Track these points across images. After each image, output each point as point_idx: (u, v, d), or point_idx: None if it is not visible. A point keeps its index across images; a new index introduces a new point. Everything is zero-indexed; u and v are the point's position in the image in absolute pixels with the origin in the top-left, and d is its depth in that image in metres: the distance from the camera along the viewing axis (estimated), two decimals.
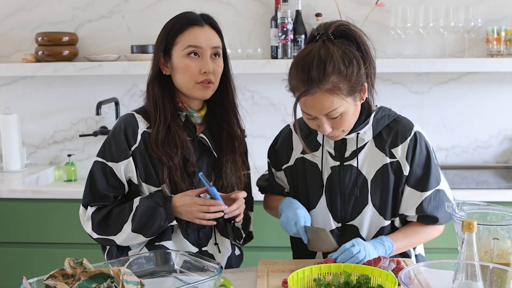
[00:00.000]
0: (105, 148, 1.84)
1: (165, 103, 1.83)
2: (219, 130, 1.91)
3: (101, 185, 1.82)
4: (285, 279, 1.63)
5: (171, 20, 1.87)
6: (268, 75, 3.21)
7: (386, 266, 1.63)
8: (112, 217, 1.81)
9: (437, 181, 1.84)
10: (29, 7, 3.34)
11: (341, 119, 1.71)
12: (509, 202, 2.66)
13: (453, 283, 1.36)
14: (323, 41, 1.69)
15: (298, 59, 1.70)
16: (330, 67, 1.64)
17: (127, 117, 1.86)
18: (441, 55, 3.14)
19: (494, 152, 3.26)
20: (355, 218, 1.85)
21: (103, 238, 1.83)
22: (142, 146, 1.82)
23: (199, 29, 1.83)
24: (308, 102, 1.68)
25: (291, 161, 1.93)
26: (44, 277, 1.36)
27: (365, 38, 1.74)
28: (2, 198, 2.87)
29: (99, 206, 1.83)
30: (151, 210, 1.76)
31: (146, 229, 1.78)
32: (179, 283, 1.61)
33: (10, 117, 3.25)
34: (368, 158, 1.83)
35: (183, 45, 1.81)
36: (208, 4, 3.24)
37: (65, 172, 3.30)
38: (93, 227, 1.82)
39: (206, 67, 1.81)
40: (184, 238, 1.86)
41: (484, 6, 3.10)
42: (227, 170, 1.89)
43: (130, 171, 1.82)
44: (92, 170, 1.85)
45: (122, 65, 3.15)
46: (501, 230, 1.47)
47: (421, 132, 1.84)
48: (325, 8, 3.17)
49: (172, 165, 1.80)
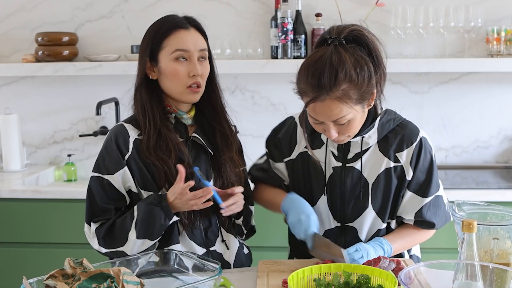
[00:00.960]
0: (99, 162, 1.83)
1: (153, 108, 1.82)
2: (212, 130, 1.91)
3: (100, 200, 1.81)
4: (285, 279, 1.63)
5: (154, 24, 1.85)
6: (268, 75, 3.21)
7: (386, 266, 1.63)
8: (115, 229, 1.79)
9: (437, 187, 1.84)
10: (29, 7, 3.34)
11: (348, 126, 1.70)
12: (509, 202, 2.66)
13: (453, 283, 1.36)
14: (335, 46, 1.65)
15: (309, 63, 1.66)
16: (342, 74, 1.61)
17: (116, 128, 1.85)
18: (441, 55, 3.14)
19: (494, 152, 3.26)
20: (355, 220, 1.85)
21: (112, 252, 1.80)
22: (135, 153, 1.81)
23: (185, 32, 1.82)
24: (317, 108, 1.66)
25: (294, 154, 1.92)
26: (44, 277, 1.36)
27: (377, 44, 1.71)
28: (2, 198, 2.87)
29: (101, 221, 1.82)
30: (148, 212, 1.75)
31: (150, 232, 1.77)
32: (179, 283, 1.61)
33: (10, 117, 3.25)
34: (370, 161, 1.82)
35: (170, 49, 1.80)
36: (208, 4, 3.24)
37: (65, 172, 3.30)
38: (99, 242, 1.80)
39: (195, 70, 1.80)
40: (191, 240, 1.85)
41: (484, 6, 3.10)
42: (227, 168, 1.89)
43: (128, 180, 1.81)
44: (90, 186, 1.83)
45: (122, 65, 3.15)
46: (501, 230, 1.47)
47: (426, 138, 1.84)
48: (325, 8, 3.17)
49: (167, 169, 1.79)
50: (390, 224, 1.86)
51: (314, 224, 1.77)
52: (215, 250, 1.88)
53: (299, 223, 1.78)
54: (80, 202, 2.87)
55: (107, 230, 1.79)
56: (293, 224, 1.79)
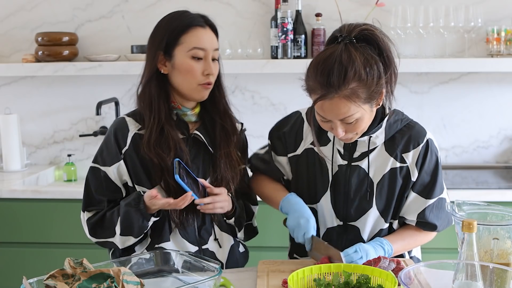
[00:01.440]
0: (98, 153, 1.87)
1: (160, 104, 1.83)
2: (213, 125, 1.91)
3: (94, 190, 1.85)
4: (285, 279, 1.63)
5: (170, 19, 1.85)
6: (268, 75, 3.21)
7: (386, 266, 1.62)
8: (105, 221, 1.83)
9: (442, 189, 1.84)
10: (29, 7, 3.33)
11: (356, 124, 1.69)
12: (509, 202, 2.66)
13: (453, 283, 1.36)
14: (346, 44, 1.64)
15: (319, 61, 1.65)
16: (351, 73, 1.60)
17: (117, 121, 1.88)
18: (441, 55, 3.14)
19: (494, 152, 3.26)
20: (358, 220, 1.84)
21: (101, 242, 1.86)
22: (132, 148, 1.83)
23: (202, 31, 1.83)
24: (325, 106, 1.66)
25: (299, 150, 1.91)
26: (44, 277, 1.36)
27: (389, 44, 1.70)
28: (2, 198, 2.87)
29: (94, 211, 1.86)
30: (127, 213, 1.78)
31: (131, 231, 1.81)
32: (179, 283, 1.61)
33: (10, 117, 3.25)
34: (376, 161, 1.82)
35: (188, 46, 1.81)
36: (208, 4, 3.24)
37: (65, 172, 3.30)
38: (89, 232, 1.86)
39: (209, 69, 1.82)
40: (183, 238, 1.86)
41: (484, 6, 3.10)
42: (221, 164, 1.88)
43: (123, 174, 1.84)
44: (87, 176, 1.88)
45: (122, 65, 3.15)
46: (501, 230, 1.47)
47: (432, 140, 1.83)
48: (325, 8, 3.17)
49: (164, 166, 1.80)
50: (392, 224, 1.86)
51: (312, 228, 1.77)
52: (208, 248, 1.89)
53: (298, 227, 1.78)
54: (80, 202, 2.86)
55: (96, 221, 1.84)
56: (292, 228, 1.79)
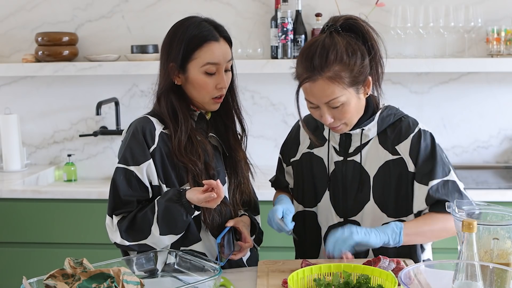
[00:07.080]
0: (125, 153, 1.82)
1: (184, 114, 1.84)
2: (226, 130, 1.95)
3: (123, 192, 1.79)
4: (285, 279, 1.63)
5: (183, 31, 1.83)
6: (268, 75, 3.21)
7: (386, 266, 1.63)
8: (137, 223, 1.77)
9: (445, 172, 1.81)
10: (29, 7, 3.34)
11: (342, 109, 1.73)
12: (509, 202, 2.66)
13: (453, 283, 1.36)
14: (330, 32, 1.72)
15: (304, 48, 1.74)
16: (333, 55, 1.67)
17: (142, 119, 1.85)
18: (441, 55, 3.14)
19: (494, 152, 3.26)
20: (357, 214, 1.85)
21: (136, 244, 1.79)
22: (160, 146, 1.81)
23: (216, 45, 1.83)
24: (310, 88, 1.71)
25: (298, 155, 1.96)
26: (44, 277, 1.36)
27: (373, 34, 1.76)
28: (2, 198, 2.87)
29: (123, 213, 1.80)
30: (169, 209, 1.74)
31: (173, 228, 1.76)
32: (179, 283, 1.61)
33: (10, 117, 3.25)
34: (371, 154, 1.84)
35: (201, 62, 1.81)
36: (208, 4, 3.23)
37: (65, 172, 3.30)
38: (122, 235, 1.78)
39: (222, 83, 1.84)
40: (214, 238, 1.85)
41: (484, 6, 3.10)
42: (242, 167, 1.95)
43: (151, 173, 1.81)
44: (114, 178, 1.81)
45: (122, 65, 3.15)
46: (501, 230, 1.47)
47: (426, 130, 1.84)
48: (325, 8, 3.18)
49: (198, 170, 1.81)
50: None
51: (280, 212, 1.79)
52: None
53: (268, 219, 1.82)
54: (80, 202, 2.88)
55: (129, 223, 1.77)
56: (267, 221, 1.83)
